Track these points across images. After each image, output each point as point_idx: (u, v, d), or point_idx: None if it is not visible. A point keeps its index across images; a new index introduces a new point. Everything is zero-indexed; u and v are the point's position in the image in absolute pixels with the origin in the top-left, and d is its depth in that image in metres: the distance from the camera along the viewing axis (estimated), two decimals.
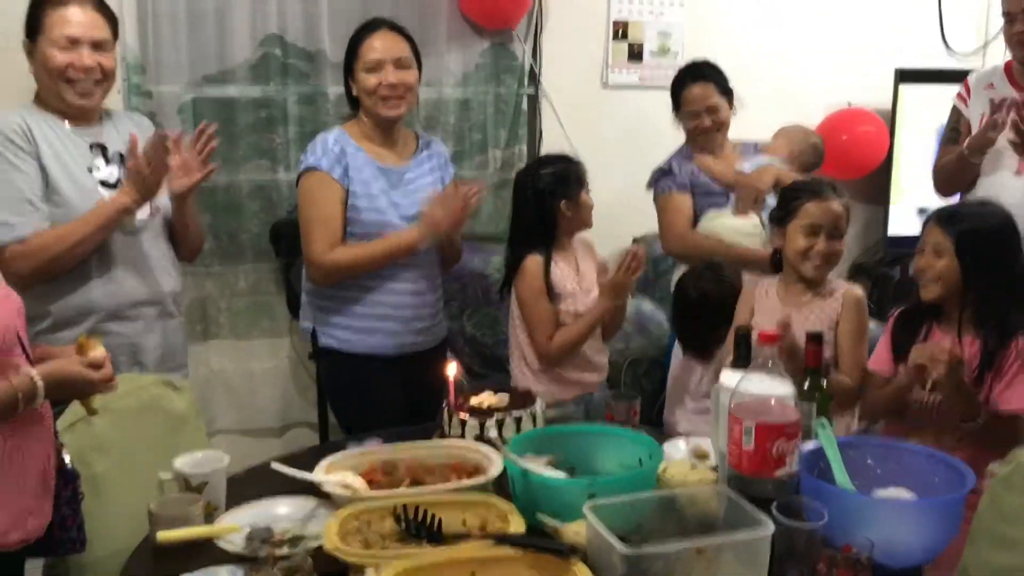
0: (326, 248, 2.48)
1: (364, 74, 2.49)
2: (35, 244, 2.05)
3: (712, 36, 3.85)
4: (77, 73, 2.12)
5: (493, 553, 1.44)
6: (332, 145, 2.52)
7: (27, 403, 1.50)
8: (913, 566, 1.54)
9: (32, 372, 1.51)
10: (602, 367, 2.73)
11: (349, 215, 2.51)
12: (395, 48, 2.50)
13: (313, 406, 3.55)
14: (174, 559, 1.54)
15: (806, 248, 2.32)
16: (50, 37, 2.10)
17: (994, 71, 2.94)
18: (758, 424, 1.52)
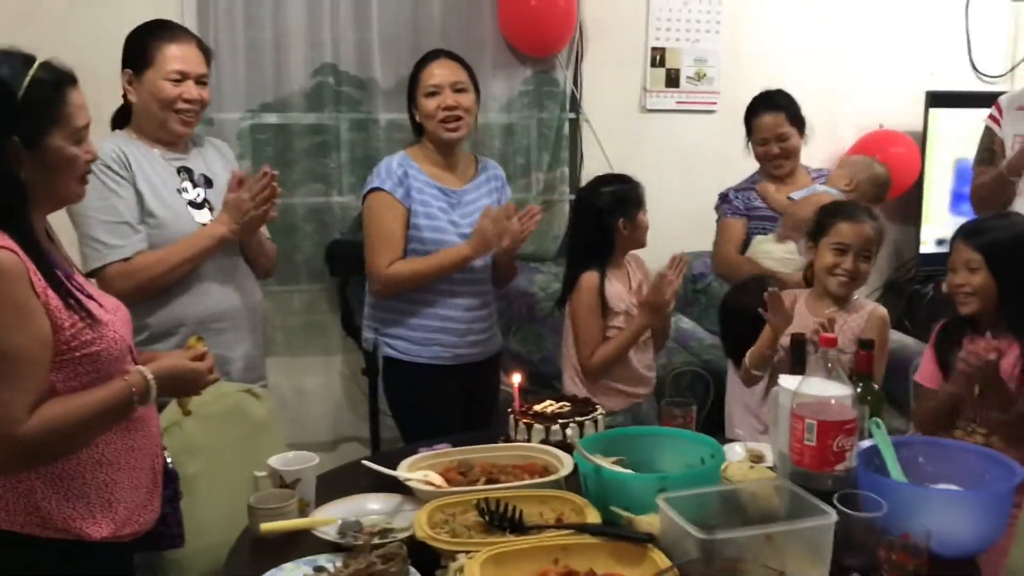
0: (387, 262, 2.62)
1: (424, 99, 2.63)
2: (138, 264, 2.19)
3: (747, 62, 3.99)
4: (185, 104, 2.27)
5: (575, 540, 1.55)
6: (396, 168, 2.66)
7: (142, 400, 1.62)
8: (966, 555, 1.64)
9: (143, 369, 1.63)
10: (650, 381, 2.84)
11: (410, 233, 2.65)
12: (453, 74, 2.65)
13: (364, 421, 3.67)
14: (272, 550, 1.66)
15: (833, 265, 2.44)
16: (162, 71, 2.25)
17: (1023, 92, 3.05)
18: (820, 421, 1.63)
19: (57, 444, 1.53)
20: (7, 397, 1.45)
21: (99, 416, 1.57)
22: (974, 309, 2.25)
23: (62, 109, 1.54)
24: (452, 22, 3.66)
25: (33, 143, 1.51)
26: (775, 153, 3.14)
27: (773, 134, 3.13)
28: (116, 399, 1.58)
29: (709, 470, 1.76)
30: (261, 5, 3.45)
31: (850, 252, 2.42)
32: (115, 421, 1.61)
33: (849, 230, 2.45)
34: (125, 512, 1.62)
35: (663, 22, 3.98)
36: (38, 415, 1.48)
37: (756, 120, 3.17)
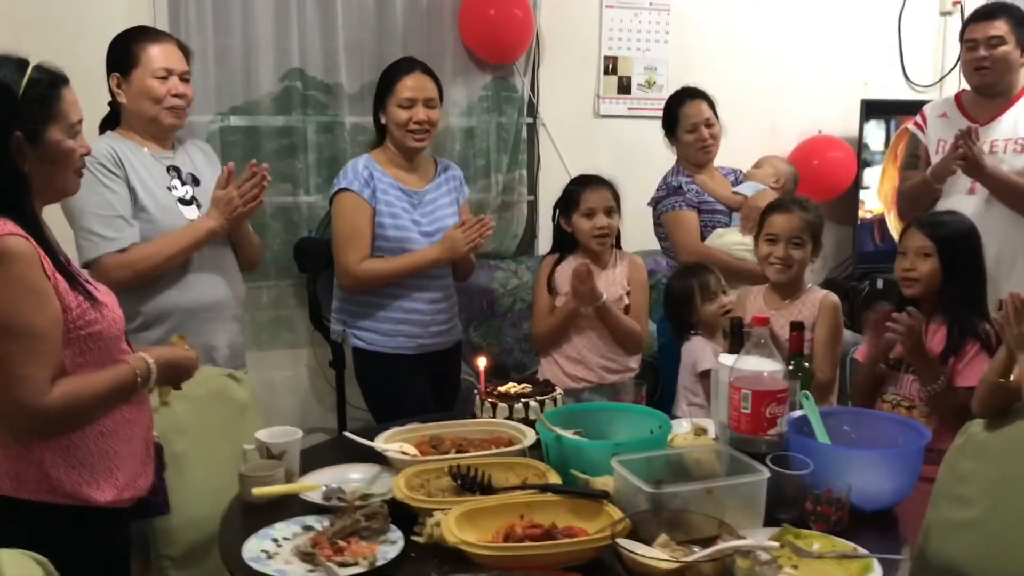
0: (357, 259, 2.78)
1: (397, 109, 2.78)
2: (135, 255, 2.33)
3: (694, 70, 4.18)
4: (174, 100, 2.42)
5: (538, 499, 1.74)
6: (362, 169, 2.82)
7: (144, 382, 1.77)
8: (884, 508, 1.85)
9: (145, 355, 1.78)
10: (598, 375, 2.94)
11: (376, 231, 2.81)
12: (427, 88, 2.81)
13: (331, 412, 3.82)
14: (262, 513, 1.81)
15: (767, 254, 2.65)
16: (148, 69, 2.39)
17: (946, 102, 3.30)
18: (754, 391, 1.84)
19: (74, 416, 1.67)
20: (32, 372, 1.59)
21: (109, 395, 1.71)
22: (917, 292, 2.47)
23: (58, 105, 1.68)
24: (415, 30, 3.82)
25: (34, 137, 1.64)
26: (705, 138, 3.29)
27: (702, 119, 3.30)
28: (123, 379, 1.73)
29: (657, 438, 1.96)
30: (230, 13, 3.57)
31: (780, 240, 2.62)
32: (122, 399, 1.76)
33: (778, 220, 2.65)
34: (124, 479, 1.76)
35: (615, 32, 4.19)
36: (58, 388, 1.62)
37: (683, 108, 3.33)
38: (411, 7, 3.82)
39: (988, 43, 3.04)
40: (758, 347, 1.90)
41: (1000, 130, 3.05)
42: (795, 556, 1.63)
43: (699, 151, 3.34)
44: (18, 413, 1.62)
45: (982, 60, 3.06)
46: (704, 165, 3.38)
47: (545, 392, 2.32)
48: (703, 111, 3.32)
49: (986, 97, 3.13)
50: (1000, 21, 3.03)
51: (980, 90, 3.14)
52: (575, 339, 2.89)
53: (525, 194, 4.12)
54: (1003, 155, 3.01)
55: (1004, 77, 3.07)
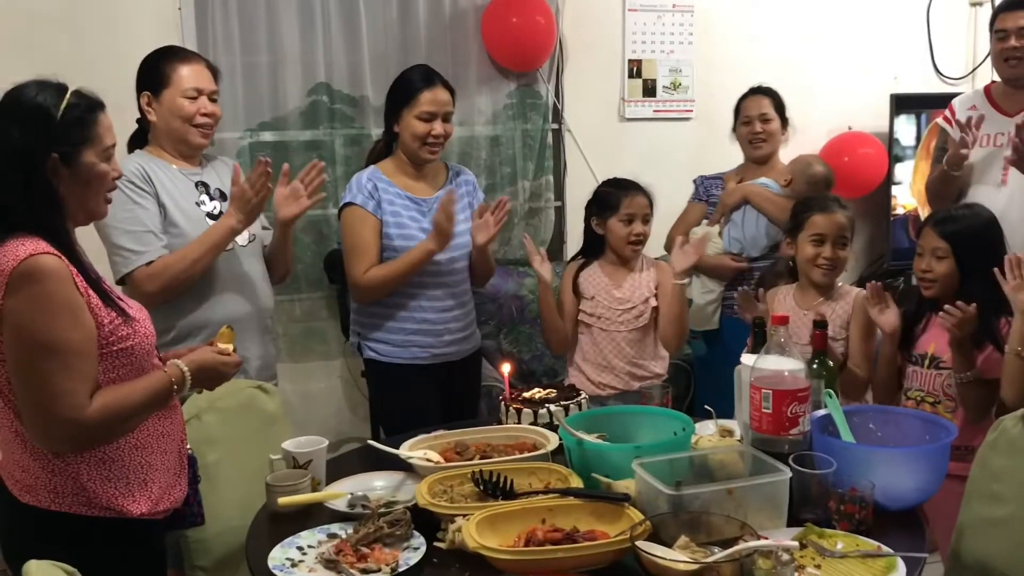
0: (363, 270, 2.80)
1: (416, 121, 2.78)
2: (159, 265, 2.37)
3: (719, 70, 4.19)
4: (203, 119, 2.48)
5: (559, 503, 1.74)
6: (365, 183, 2.83)
7: (179, 389, 1.80)
8: (909, 507, 1.83)
9: (179, 362, 1.82)
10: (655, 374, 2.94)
11: (384, 243, 2.81)
12: (446, 104, 2.82)
13: (364, 421, 3.85)
14: (289, 522, 1.84)
15: (814, 256, 2.63)
16: (179, 89, 2.45)
17: (975, 94, 3.26)
18: (775, 390, 1.83)
19: (113, 427, 1.72)
20: (72, 386, 1.64)
21: (147, 403, 1.76)
22: (935, 293, 2.45)
23: (94, 129, 1.73)
24: (438, 41, 3.86)
25: (69, 160, 1.69)
26: (756, 131, 3.35)
27: (757, 113, 3.36)
28: (160, 388, 1.77)
29: (680, 440, 1.95)
30: (256, 30, 3.64)
31: (827, 241, 2.61)
32: (158, 408, 1.80)
33: (823, 220, 2.63)
34: (159, 491, 1.80)
35: (639, 35, 4.19)
36: (97, 401, 1.67)
37: (744, 102, 3.43)
38: (434, 18, 3.86)
39: (1019, 33, 2.99)
40: (779, 346, 1.88)
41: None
42: (818, 556, 1.62)
43: (749, 144, 3.41)
44: (58, 428, 1.66)
45: (1013, 51, 3.01)
46: (758, 161, 3.42)
47: (569, 397, 2.32)
48: (761, 105, 3.38)
49: (1017, 88, 3.08)
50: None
51: (1011, 81, 3.09)
52: (602, 345, 2.89)
53: (552, 200, 4.13)
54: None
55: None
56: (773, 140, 3.39)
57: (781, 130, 3.41)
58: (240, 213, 2.43)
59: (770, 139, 3.37)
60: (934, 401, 2.39)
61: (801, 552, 1.61)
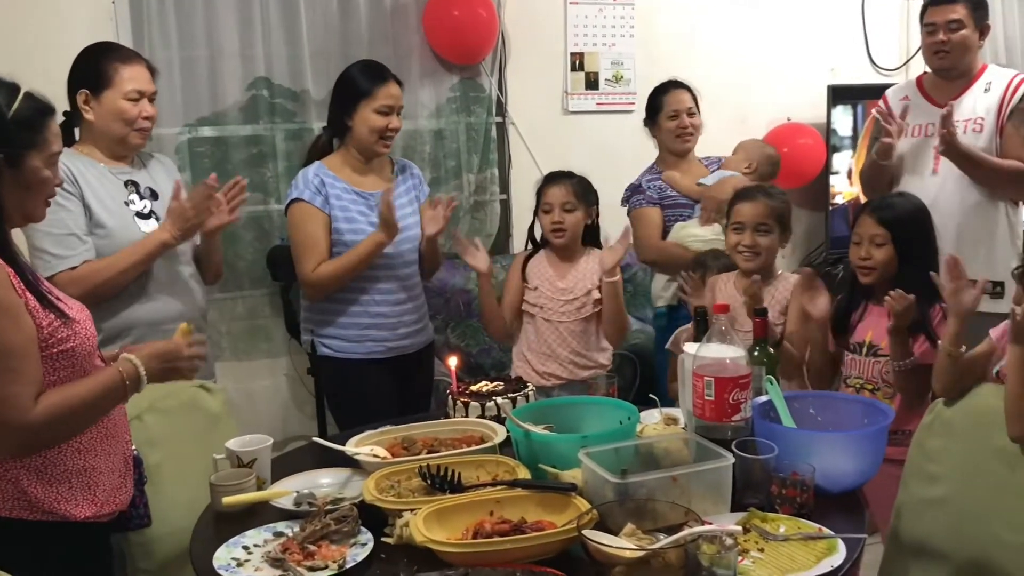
0: (313, 266, 2.78)
1: (375, 115, 2.79)
2: (84, 272, 2.33)
3: (660, 63, 4.21)
4: (143, 121, 2.45)
5: (507, 494, 1.75)
6: (312, 178, 2.82)
7: (134, 386, 1.76)
8: (849, 489, 1.87)
9: (131, 357, 1.77)
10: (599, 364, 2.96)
11: (333, 238, 2.81)
12: (400, 98, 2.85)
13: (311, 419, 3.81)
14: (234, 521, 1.82)
15: (735, 243, 2.67)
16: (121, 91, 2.40)
17: (908, 85, 3.34)
18: (717, 378, 1.85)
19: (60, 430, 1.67)
20: (16, 390, 1.59)
21: (96, 403, 1.72)
22: (874, 280, 2.50)
23: (43, 134, 1.69)
24: (380, 34, 3.83)
25: (14, 162, 1.65)
26: (685, 125, 3.34)
27: (684, 108, 3.35)
28: (110, 386, 1.73)
29: (625, 429, 1.97)
30: (194, 24, 3.58)
31: (746, 228, 2.65)
32: (110, 407, 1.76)
33: (743, 208, 2.68)
34: (104, 494, 1.77)
35: (580, 28, 4.21)
36: (42, 404, 1.62)
37: (666, 96, 3.39)
38: (375, 11, 3.83)
39: (947, 27, 3.07)
40: (720, 334, 1.91)
41: (960, 111, 3.08)
42: (761, 539, 1.65)
43: (677, 138, 3.38)
44: (3, 433, 1.61)
45: (941, 44, 3.09)
46: (682, 155, 3.42)
47: (517, 390, 2.33)
48: (686, 100, 3.38)
49: (946, 79, 3.16)
50: (959, 5, 3.07)
51: (940, 73, 3.17)
52: (546, 335, 2.90)
53: (497, 193, 4.14)
54: (962, 136, 3.04)
55: (963, 60, 3.10)
56: (698, 133, 3.41)
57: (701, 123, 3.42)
58: (176, 229, 2.41)
59: (696, 133, 3.39)
60: (873, 388, 2.44)
61: (744, 536, 1.64)
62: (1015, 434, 1.92)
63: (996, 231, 3.10)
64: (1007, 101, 3.04)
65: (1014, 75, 3.13)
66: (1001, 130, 3.05)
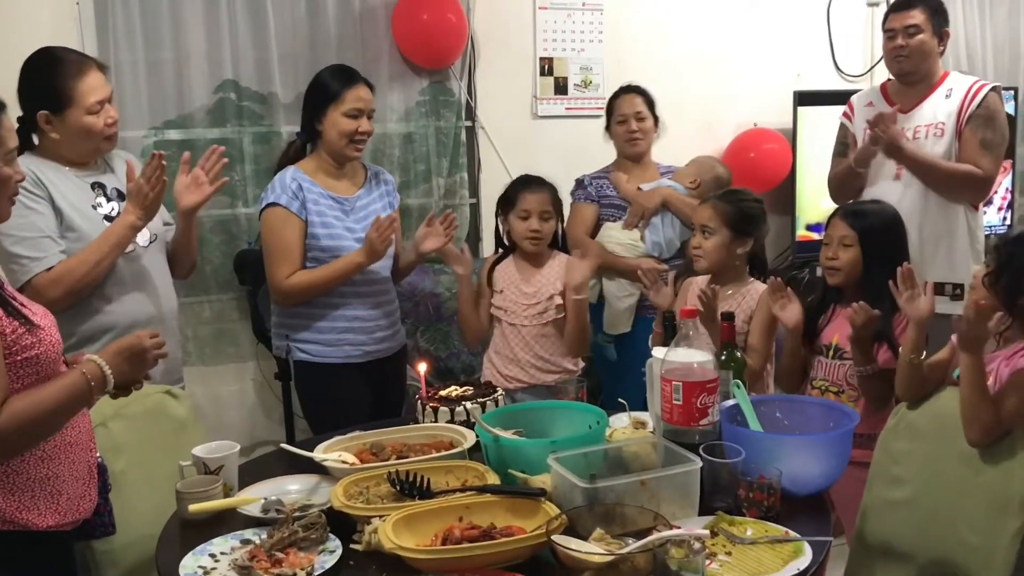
0: (286, 274, 2.76)
1: (344, 118, 2.77)
2: (61, 271, 2.29)
3: (629, 68, 4.23)
4: (110, 129, 2.40)
5: (476, 500, 1.75)
6: (289, 182, 2.80)
7: (100, 386, 1.72)
8: (815, 492, 1.89)
9: (94, 357, 1.74)
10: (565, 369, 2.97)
11: (309, 242, 2.79)
12: (370, 101, 2.83)
13: (279, 424, 3.80)
14: (200, 529, 1.81)
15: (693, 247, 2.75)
16: (84, 106, 2.34)
17: (872, 91, 3.38)
18: (685, 382, 1.86)
19: (26, 436, 1.65)
20: None
21: (63, 407, 1.69)
22: (839, 281, 2.54)
23: None
24: (348, 37, 3.81)
25: None
26: (632, 129, 3.41)
27: (632, 112, 3.41)
28: (75, 390, 1.70)
29: (594, 434, 1.98)
30: (160, 26, 3.54)
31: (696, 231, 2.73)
32: (76, 410, 1.73)
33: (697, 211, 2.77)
34: (67, 502, 1.74)
35: (549, 33, 4.22)
36: (7, 412, 1.59)
37: (617, 101, 3.48)
38: (344, 15, 3.81)
39: (906, 32, 3.12)
40: (687, 339, 1.92)
41: (921, 116, 3.14)
42: (729, 543, 1.66)
43: (626, 143, 3.45)
44: None
45: (900, 48, 3.14)
46: (633, 158, 3.46)
47: (486, 394, 2.33)
48: (635, 104, 3.42)
49: (908, 85, 3.21)
50: (917, 10, 3.12)
51: (901, 78, 3.23)
52: (509, 339, 2.90)
53: (467, 197, 4.13)
54: (924, 140, 3.10)
55: (922, 64, 3.15)
56: (648, 137, 3.46)
57: (654, 127, 3.47)
58: (139, 209, 2.37)
59: (645, 136, 3.44)
60: (838, 391, 2.47)
61: (712, 540, 1.65)
62: (972, 439, 1.96)
63: (956, 235, 3.15)
64: (966, 107, 3.10)
65: (974, 81, 3.18)
66: (960, 135, 3.10)
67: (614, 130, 3.48)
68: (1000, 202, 5.03)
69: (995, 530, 1.92)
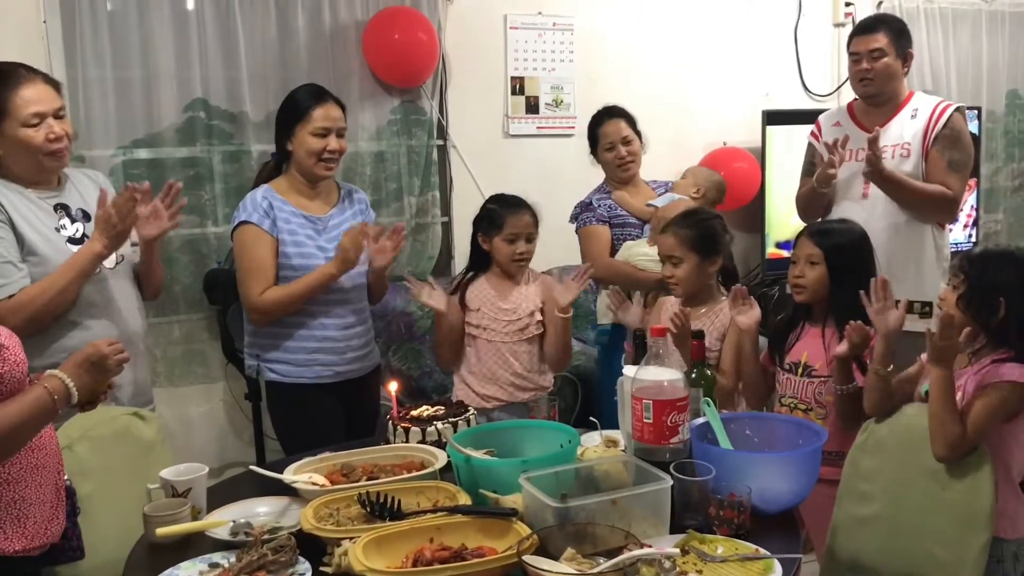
0: (260, 291, 2.75)
1: (311, 137, 2.75)
2: (23, 298, 2.23)
3: (599, 87, 4.28)
4: (52, 145, 2.31)
5: (447, 521, 1.74)
6: (260, 201, 2.78)
7: (63, 401, 1.70)
8: (786, 509, 1.90)
9: (56, 372, 1.72)
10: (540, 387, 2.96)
11: (280, 261, 2.77)
12: (339, 119, 2.80)
13: (249, 445, 3.76)
14: (168, 553, 1.78)
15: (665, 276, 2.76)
16: (19, 119, 2.26)
17: (839, 111, 3.43)
18: (655, 401, 1.87)
19: None
20: None
21: (25, 423, 1.66)
22: (806, 299, 2.56)
23: None
24: (319, 56, 3.82)
25: None
26: (623, 156, 3.40)
27: (619, 138, 3.40)
28: (38, 405, 1.68)
29: (566, 453, 1.97)
30: (129, 44, 3.52)
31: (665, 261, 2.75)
32: (40, 426, 1.71)
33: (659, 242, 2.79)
34: (34, 527, 1.72)
35: (520, 53, 4.25)
36: None
37: (601, 128, 3.45)
38: (314, 34, 3.82)
39: (870, 56, 3.17)
40: (658, 357, 1.93)
41: (888, 136, 3.18)
42: (700, 561, 1.66)
43: (617, 168, 3.44)
44: None
45: (865, 72, 3.19)
46: (626, 182, 3.46)
47: (458, 414, 2.32)
48: (620, 129, 3.42)
49: (875, 106, 3.26)
50: (880, 34, 3.16)
51: (866, 99, 3.27)
52: (485, 357, 2.90)
53: (439, 216, 4.14)
54: (891, 160, 3.13)
55: (887, 87, 3.20)
56: (638, 159, 3.45)
57: (640, 147, 3.47)
58: (105, 238, 2.32)
59: (636, 159, 3.44)
60: (806, 408, 2.49)
61: (683, 558, 1.65)
62: (939, 454, 1.98)
63: (924, 253, 3.19)
64: (932, 127, 3.14)
65: (939, 102, 3.23)
66: (927, 155, 3.15)
67: (602, 157, 3.45)
68: (965, 220, 5.11)
69: (963, 544, 1.94)
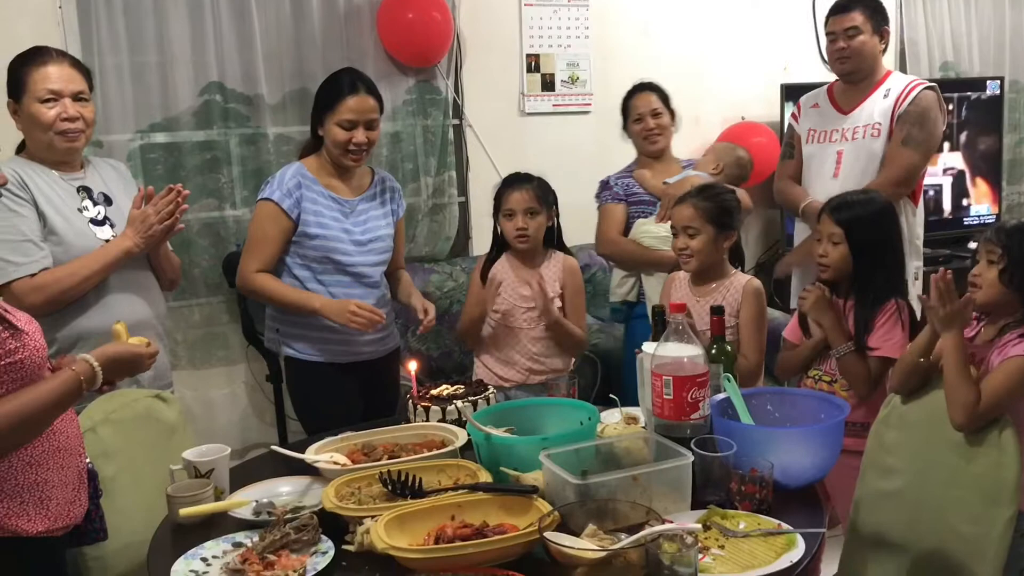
0: (254, 268, 2.76)
1: (336, 128, 2.73)
2: (47, 278, 2.27)
3: (616, 64, 4.25)
4: (64, 124, 2.33)
5: (468, 498, 1.74)
6: (289, 179, 2.77)
7: (90, 385, 1.73)
8: (808, 484, 1.89)
9: (87, 356, 1.74)
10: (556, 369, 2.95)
11: (299, 239, 2.77)
12: (370, 111, 2.76)
13: (271, 426, 3.79)
14: (192, 533, 1.80)
15: (675, 246, 2.71)
16: (34, 94, 2.31)
17: (819, 92, 3.40)
18: (675, 377, 1.86)
19: (15, 435, 1.64)
20: None
21: (51, 406, 1.68)
22: (830, 277, 2.53)
23: None
24: (333, 37, 3.80)
25: None
26: (651, 127, 3.39)
27: (648, 110, 3.39)
28: (67, 388, 1.70)
29: (586, 430, 1.97)
30: (144, 29, 3.52)
31: (679, 232, 2.67)
32: (65, 408, 1.73)
33: (675, 212, 2.70)
34: (57, 508, 1.74)
35: (535, 30, 4.22)
36: None
37: (632, 100, 3.45)
38: (329, 14, 3.80)
39: (845, 34, 3.16)
40: (677, 333, 1.92)
41: (860, 116, 3.19)
42: (722, 536, 1.66)
43: (644, 140, 3.43)
44: None
45: (842, 50, 3.18)
46: (655, 155, 3.44)
47: (478, 392, 2.32)
48: (650, 102, 3.41)
49: (852, 84, 3.25)
50: (855, 12, 3.15)
51: (844, 78, 3.27)
52: (504, 341, 2.89)
53: (456, 196, 4.13)
54: (862, 140, 3.14)
55: (863, 64, 3.19)
56: (667, 134, 3.44)
57: (671, 123, 3.46)
58: (139, 237, 2.36)
59: (664, 133, 3.42)
60: (831, 380, 2.48)
61: (705, 534, 1.65)
62: (957, 421, 1.95)
63: None
64: (899, 106, 3.13)
65: (910, 81, 3.22)
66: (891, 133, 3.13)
67: (631, 129, 3.45)
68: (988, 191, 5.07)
69: (987, 519, 1.92)
